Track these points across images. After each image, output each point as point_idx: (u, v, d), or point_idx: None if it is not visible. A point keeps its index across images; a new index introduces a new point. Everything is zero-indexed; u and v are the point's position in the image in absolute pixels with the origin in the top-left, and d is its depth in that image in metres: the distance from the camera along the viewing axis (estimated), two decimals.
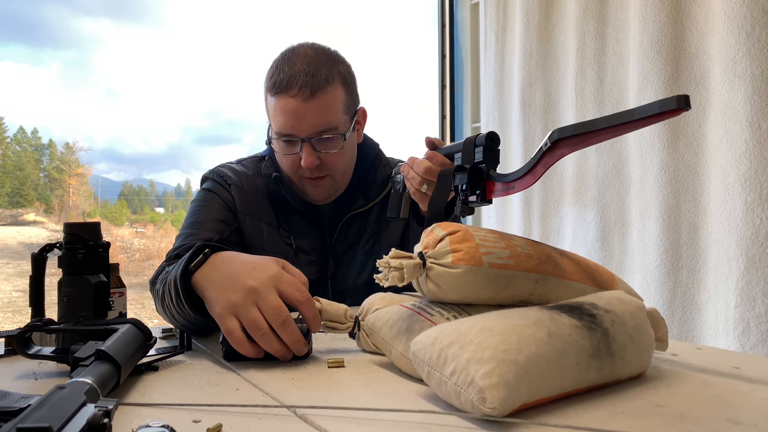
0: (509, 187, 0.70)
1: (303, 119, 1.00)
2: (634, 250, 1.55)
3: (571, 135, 0.57)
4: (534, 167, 0.63)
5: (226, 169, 1.13)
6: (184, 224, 1.07)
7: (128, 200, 39.05)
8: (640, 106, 0.52)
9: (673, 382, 0.57)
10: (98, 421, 0.35)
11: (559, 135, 0.58)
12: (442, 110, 2.38)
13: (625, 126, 0.54)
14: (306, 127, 1.00)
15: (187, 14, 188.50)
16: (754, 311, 1.23)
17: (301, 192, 1.11)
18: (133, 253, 15.22)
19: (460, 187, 0.76)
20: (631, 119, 0.52)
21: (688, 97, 0.49)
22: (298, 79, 0.99)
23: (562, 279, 0.63)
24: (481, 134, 0.76)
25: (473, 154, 0.76)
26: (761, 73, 1.24)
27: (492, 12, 2.02)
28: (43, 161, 34.57)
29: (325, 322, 0.70)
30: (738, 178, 1.27)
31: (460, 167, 0.77)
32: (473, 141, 0.77)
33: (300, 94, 0.99)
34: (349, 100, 1.06)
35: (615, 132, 0.55)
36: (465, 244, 0.57)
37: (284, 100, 1.00)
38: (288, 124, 1.00)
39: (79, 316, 0.65)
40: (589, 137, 0.57)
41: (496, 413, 0.44)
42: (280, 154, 1.07)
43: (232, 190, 1.10)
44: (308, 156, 1.02)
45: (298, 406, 0.50)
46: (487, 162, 0.74)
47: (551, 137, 0.59)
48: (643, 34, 1.48)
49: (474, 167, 0.75)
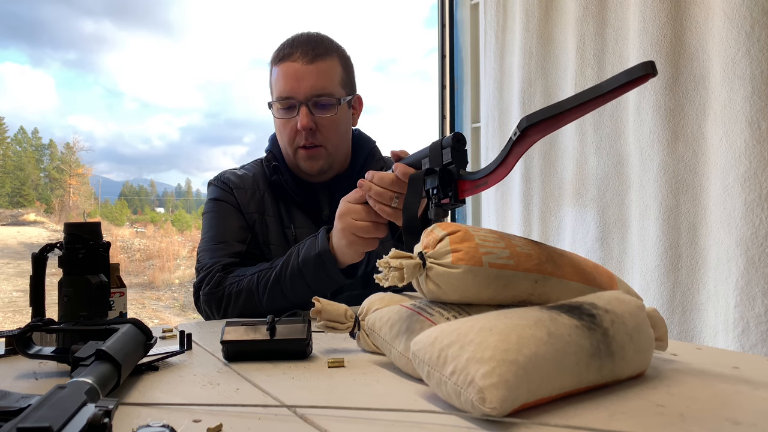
0: (481, 183, 0.70)
1: (302, 81, 1.09)
2: (634, 250, 1.55)
3: (540, 120, 0.57)
4: (505, 159, 0.63)
5: (229, 174, 1.21)
6: (206, 238, 1.14)
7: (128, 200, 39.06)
8: (607, 79, 0.51)
9: (673, 382, 0.57)
10: (98, 421, 0.35)
11: (527, 122, 0.58)
12: (442, 110, 2.38)
13: (595, 101, 0.53)
14: (304, 88, 1.09)
15: (188, 14, 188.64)
16: (754, 311, 1.23)
17: (296, 168, 1.17)
18: (134, 253, 15.22)
19: (432, 190, 0.76)
20: (600, 93, 0.52)
21: (654, 62, 0.48)
22: (300, 47, 1.11)
23: (561, 279, 0.63)
24: (447, 136, 0.76)
25: (441, 156, 0.76)
26: (761, 73, 1.24)
27: (492, 12, 2.02)
28: (43, 161, 34.57)
29: (325, 322, 0.70)
30: (738, 178, 1.27)
31: (429, 170, 0.76)
32: (440, 144, 0.77)
33: (300, 59, 1.10)
34: (345, 78, 1.16)
35: (585, 109, 0.54)
36: (465, 244, 0.57)
37: (286, 65, 1.10)
38: (288, 86, 1.10)
39: (80, 316, 0.66)
40: (559, 119, 0.56)
41: (496, 413, 0.44)
42: (279, 124, 1.15)
43: (236, 194, 1.17)
44: (304, 117, 1.09)
45: (298, 406, 0.50)
46: (456, 162, 0.74)
47: (520, 126, 0.59)
48: (643, 34, 1.49)
49: (443, 169, 0.74)
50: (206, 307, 1.05)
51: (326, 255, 0.95)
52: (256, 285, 1.01)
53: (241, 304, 1.02)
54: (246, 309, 1.02)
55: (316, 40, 1.13)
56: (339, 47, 1.16)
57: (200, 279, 1.07)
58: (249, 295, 1.01)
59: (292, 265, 0.98)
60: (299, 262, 0.98)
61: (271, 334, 0.66)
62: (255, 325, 0.68)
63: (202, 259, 1.11)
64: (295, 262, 0.98)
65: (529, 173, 1.86)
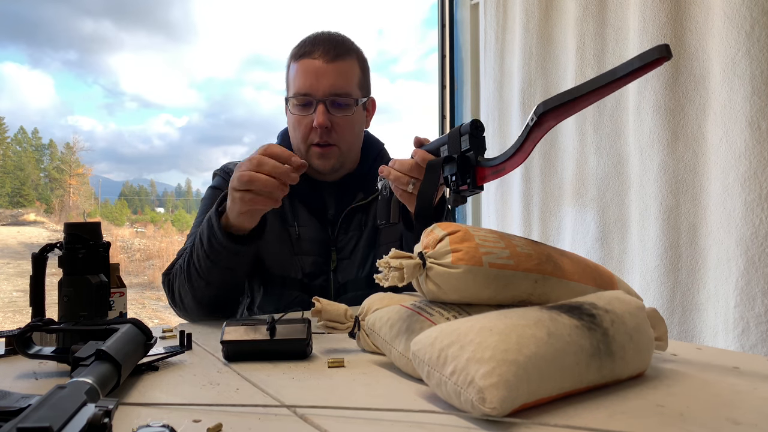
0: (499, 170, 0.70)
1: (322, 78, 1.09)
2: (634, 250, 1.55)
3: (557, 105, 0.57)
4: (522, 145, 0.63)
5: (232, 165, 1.20)
6: (196, 221, 1.13)
7: (128, 200, 39.03)
8: (621, 64, 0.51)
9: (673, 382, 0.57)
10: (98, 421, 0.35)
11: (544, 108, 0.58)
12: (442, 110, 2.37)
13: (609, 86, 0.53)
14: (323, 86, 1.09)
15: (188, 14, 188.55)
16: (754, 311, 1.23)
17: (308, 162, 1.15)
18: (134, 253, 15.22)
19: (450, 177, 0.76)
20: (614, 78, 0.52)
21: (668, 46, 0.48)
22: (321, 46, 1.11)
23: (561, 279, 0.63)
24: (465, 123, 0.76)
25: (459, 144, 0.77)
26: (761, 73, 1.24)
27: (492, 12, 2.02)
28: (43, 161, 34.56)
29: (325, 322, 0.70)
30: (738, 179, 1.27)
31: (448, 158, 0.77)
32: (458, 130, 0.77)
33: (321, 57, 1.09)
34: (362, 79, 1.16)
35: (600, 94, 0.55)
36: (465, 244, 0.57)
37: (307, 62, 1.10)
38: (307, 83, 1.09)
39: (80, 316, 0.66)
40: (574, 104, 0.57)
41: (496, 413, 0.44)
42: (294, 120, 1.13)
43: None
44: (321, 114, 1.09)
45: (298, 406, 0.50)
46: (474, 149, 0.74)
47: (536, 111, 0.59)
48: (643, 34, 1.48)
49: (462, 156, 0.75)
50: (164, 288, 1.05)
51: (213, 215, 0.92)
52: (186, 262, 0.98)
53: (179, 283, 0.99)
54: (182, 287, 0.98)
55: (338, 39, 1.13)
56: (358, 49, 1.17)
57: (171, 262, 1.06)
58: (180, 272, 0.99)
59: (198, 236, 0.96)
60: (200, 231, 0.96)
61: (271, 334, 0.66)
62: (255, 325, 0.68)
63: (186, 243, 1.09)
64: (197, 232, 0.97)
65: (529, 173, 1.86)
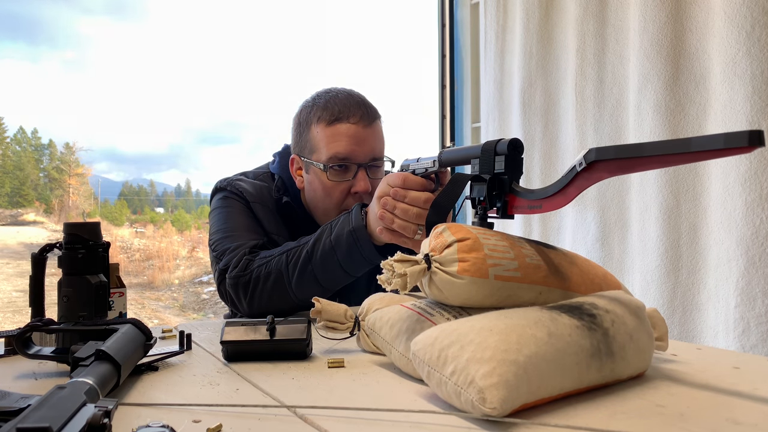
0: (535, 206, 0.62)
1: (363, 144, 1.08)
2: (634, 251, 1.55)
3: (612, 158, 0.50)
4: (566, 188, 0.56)
5: (245, 184, 1.14)
6: (219, 230, 1.09)
7: (128, 200, 39.01)
8: (699, 136, 0.44)
9: (673, 382, 0.57)
10: (98, 421, 0.35)
11: (596, 156, 0.51)
12: (442, 110, 2.37)
13: (678, 156, 0.46)
14: (365, 151, 1.08)
15: (188, 14, 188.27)
16: (754, 311, 1.23)
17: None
18: (133, 253, 15.21)
19: (478, 199, 0.68)
20: (687, 150, 0.45)
21: (763, 132, 0.41)
22: (356, 109, 1.09)
23: (567, 291, 0.62)
24: (503, 140, 0.67)
25: (493, 163, 0.67)
26: (761, 73, 1.24)
27: (492, 12, 2.02)
28: (43, 161, 34.55)
29: (325, 322, 0.70)
30: (738, 178, 1.27)
31: (478, 177, 0.68)
32: (493, 148, 0.67)
33: (361, 122, 1.08)
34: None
35: (664, 162, 0.48)
36: (473, 254, 0.56)
37: (345, 126, 1.08)
38: (348, 148, 1.07)
39: (79, 316, 0.66)
40: (632, 163, 0.50)
41: (496, 413, 0.44)
42: (328, 185, 1.09)
43: (255, 209, 1.12)
44: (364, 180, 1.08)
45: (298, 406, 0.50)
46: (509, 173, 0.65)
47: (587, 157, 0.52)
48: (643, 34, 1.48)
49: (494, 178, 0.66)
50: (232, 291, 1.00)
51: (360, 231, 0.91)
52: (285, 265, 0.96)
53: (270, 286, 0.97)
54: (275, 292, 0.97)
55: (366, 102, 1.12)
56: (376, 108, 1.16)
57: (226, 261, 1.01)
58: (278, 276, 0.96)
59: (324, 243, 0.94)
60: (332, 239, 0.94)
61: (271, 335, 0.66)
62: (255, 325, 0.68)
63: (221, 245, 1.05)
64: (327, 240, 0.94)
65: (529, 173, 1.86)
